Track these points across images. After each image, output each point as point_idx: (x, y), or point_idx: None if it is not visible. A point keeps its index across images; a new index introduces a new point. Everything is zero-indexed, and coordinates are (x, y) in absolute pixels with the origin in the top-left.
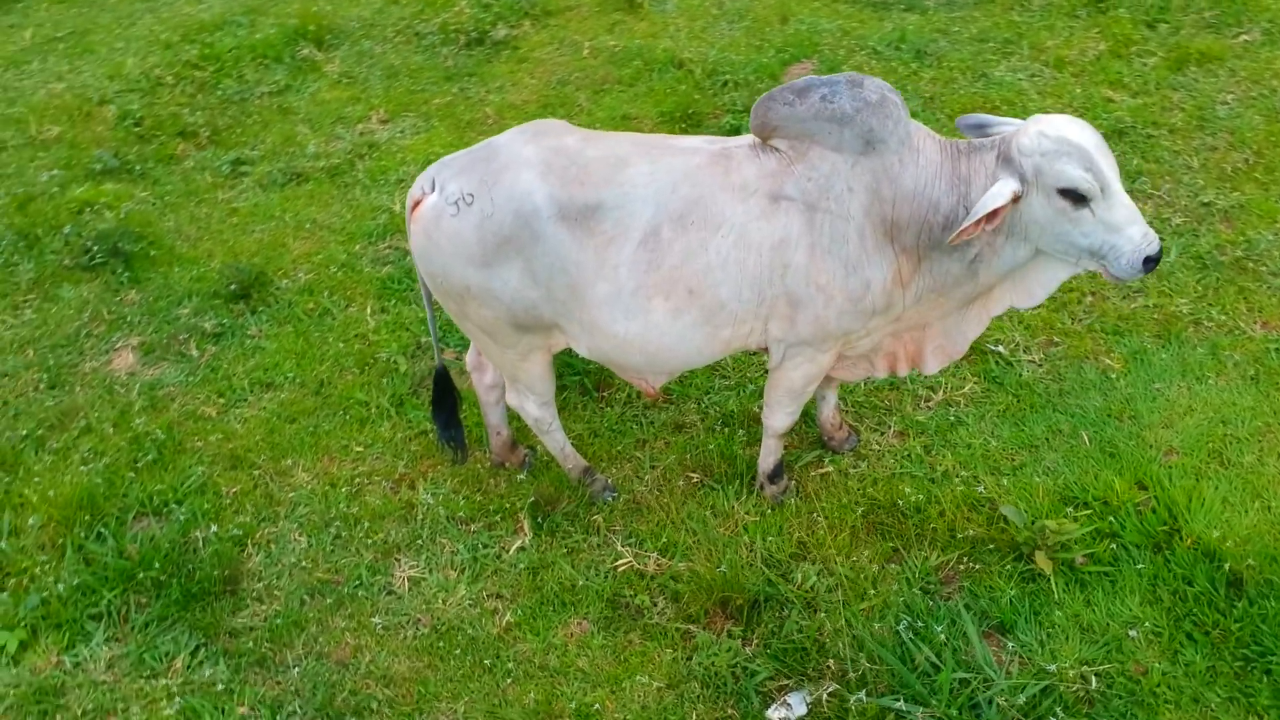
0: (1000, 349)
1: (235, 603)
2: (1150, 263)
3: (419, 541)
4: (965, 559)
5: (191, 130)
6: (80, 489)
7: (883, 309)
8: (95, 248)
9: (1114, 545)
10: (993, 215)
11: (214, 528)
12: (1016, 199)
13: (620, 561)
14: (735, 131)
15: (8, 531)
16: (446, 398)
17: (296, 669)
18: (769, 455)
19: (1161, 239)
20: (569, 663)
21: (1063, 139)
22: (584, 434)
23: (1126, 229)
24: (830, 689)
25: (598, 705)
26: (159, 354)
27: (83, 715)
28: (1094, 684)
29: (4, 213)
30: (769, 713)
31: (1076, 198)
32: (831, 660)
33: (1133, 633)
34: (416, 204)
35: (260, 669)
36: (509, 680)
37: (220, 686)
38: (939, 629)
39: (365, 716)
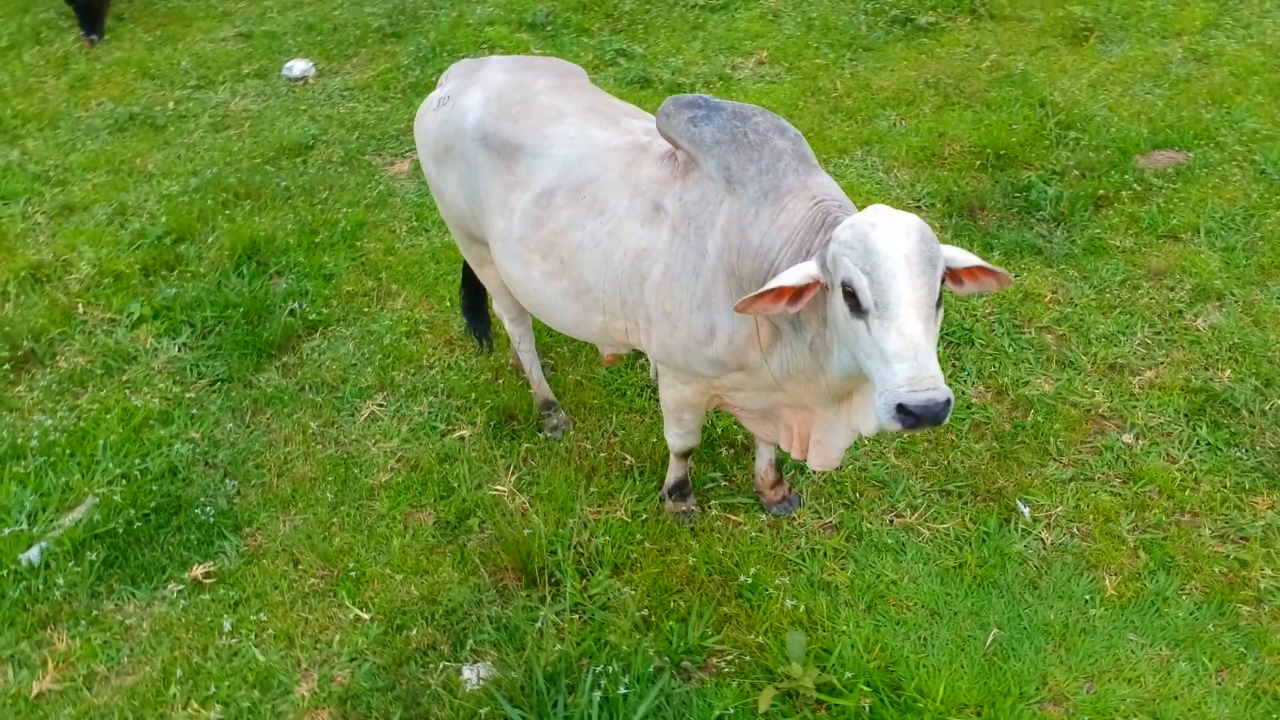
0: (1026, 510)
1: (267, 364)
2: (906, 415)
3: (405, 391)
4: (738, 659)
5: (616, 15)
6: (255, 235)
7: (735, 365)
8: None
9: None
10: (796, 296)
11: (303, 305)
12: (822, 286)
13: (498, 487)
14: (1026, 192)
15: (202, 242)
16: (470, 289)
17: (242, 428)
18: (670, 471)
19: (944, 401)
20: (386, 536)
21: (860, 234)
22: (599, 379)
23: (894, 363)
24: (473, 676)
25: (363, 574)
26: (419, 172)
27: (123, 383)
28: None
29: (441, 30)
30: (465, 670)
31: (854, 303)
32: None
33: None
34: None
35: (231, 416)
36: (335, 523)
37: (197, 412)
38: (623, 690)
39: (246, 487)
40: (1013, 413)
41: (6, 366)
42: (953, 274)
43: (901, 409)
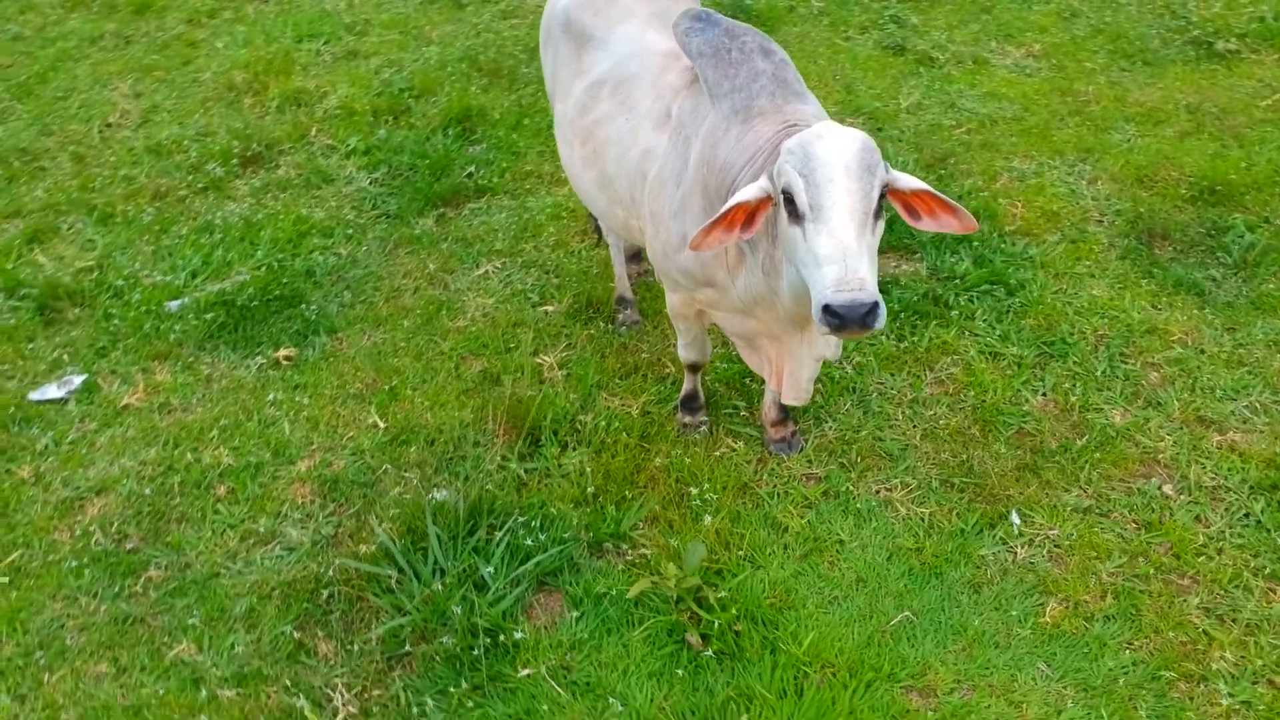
0: (1016, 521)
1: (429, 211)
2: (831, 316)
3: (523, 261)
4: (651, 556)
5: None
6: (471, 106)
7: (704, 280)
8: None
9: (739, 667)
10: (748, 220)
11: (482, 171)
12: (773, 201)
13: (544, 357)
14: (1223, 233)
15: (429, 101)
16: None
17: (379, 256)
18: (684, 384)
19: (869, 303)
20: (435, 370)
21: (802, 142)
22: None
23: (824, 265)
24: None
25: (398, 394)
26: None
27: (313, 197)
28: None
29: None
30: (433, 492)
31: (793, 210)
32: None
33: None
34: None
35: (378, 244)
36: (403, 347)
37: (353, 233)
38: (529, 541)
39: (356, 302)
40: (1067, 433)
41: (235, 162)
42: (906, 205)
43: (827, 310)
